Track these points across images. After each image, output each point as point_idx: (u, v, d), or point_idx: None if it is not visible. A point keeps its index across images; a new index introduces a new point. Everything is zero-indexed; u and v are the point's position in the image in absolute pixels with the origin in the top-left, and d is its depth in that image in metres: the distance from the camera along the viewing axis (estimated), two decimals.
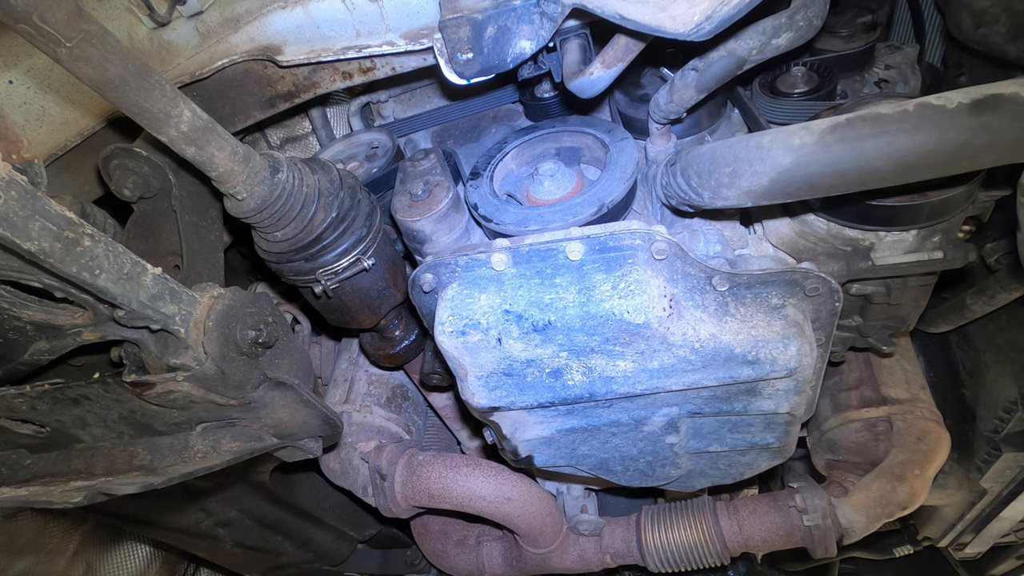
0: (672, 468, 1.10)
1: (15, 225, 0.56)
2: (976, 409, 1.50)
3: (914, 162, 0.75)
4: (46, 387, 0.84)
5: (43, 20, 0.60)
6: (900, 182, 0.79)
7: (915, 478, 1.22)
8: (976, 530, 1.67)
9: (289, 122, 1.35)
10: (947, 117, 0.72)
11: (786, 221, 1.02)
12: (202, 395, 0.82)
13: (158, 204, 1.06)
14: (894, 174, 0.77)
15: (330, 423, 1.00)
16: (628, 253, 0.89)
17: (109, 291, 0.66)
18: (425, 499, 1.27)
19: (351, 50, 1.00)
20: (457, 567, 1.47)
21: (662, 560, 1.32)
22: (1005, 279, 1.25)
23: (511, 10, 0.89)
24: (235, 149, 0.81)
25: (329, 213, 0.95)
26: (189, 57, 1.03)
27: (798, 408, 1.00)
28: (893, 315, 1.14)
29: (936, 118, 0.73)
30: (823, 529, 1.21)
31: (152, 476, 0.85)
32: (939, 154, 0.74)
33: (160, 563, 1.92)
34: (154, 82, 0.70)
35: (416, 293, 0.98)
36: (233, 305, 0.83)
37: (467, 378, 0.94)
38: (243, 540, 1.49)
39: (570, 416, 1.00)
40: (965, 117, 0.72)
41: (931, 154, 0.74)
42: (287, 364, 0.94)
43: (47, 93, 1.00)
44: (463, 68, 0.95)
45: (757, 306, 0.91)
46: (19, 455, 0.92)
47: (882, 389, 1.34)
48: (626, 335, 0.88)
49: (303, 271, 0.99)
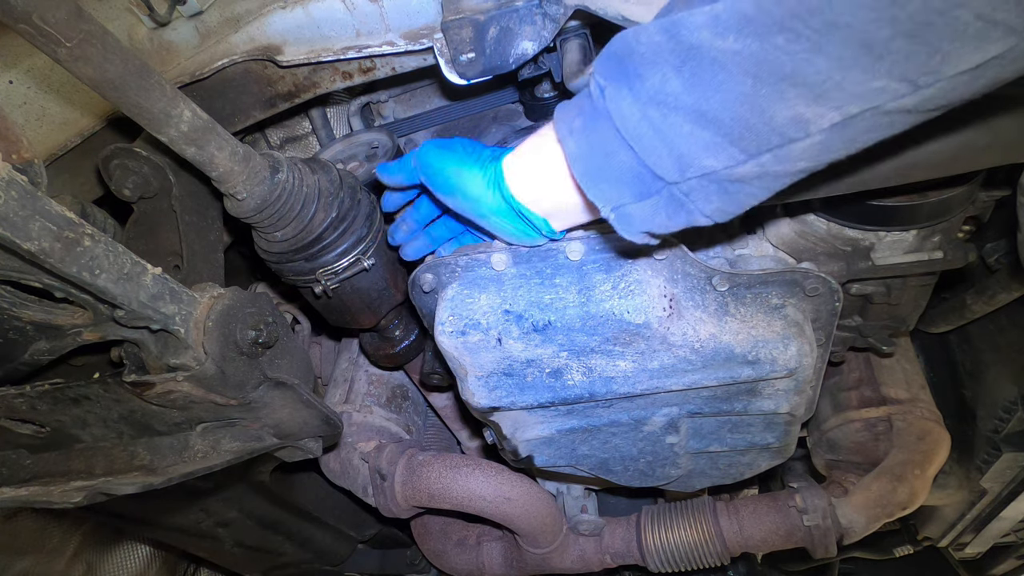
0: (672, 468, 1.10)
1: (15, 225, 0.56)
2: (976, 409, 1.50)
3: (914, 162, 0.75)
4: (46, 387, 0.84)
5: (43, 20, 0.60)
6: (900, 182, 0.79)
7: (915, 478, 1.22)
8: (976, 530, 1.67)
9: (289, 122, 1.35)
10: None
11: (786, 221, 1.02)
12: (202, 395, 0.82)
13: (158, 204, 1.06)
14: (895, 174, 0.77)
15: (330, 423, 1.00)
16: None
17: (109, 291, 0.66)
18: (425, 499, 1.27)
19: (351, 50, 1.00)
20: (457, 567, 1.47)
21: (662, 560, 1.32)
22: (1005, 279, 1.25)
23: (513, 11, 0.89)
24: (235, 149, 0.81)
25: (329, 213, 0.95)
26: (189, 57, 1.02)
27: (798, 408, 1.00)
28: (893, 315, 1.14)
29: None
30: (823, 529, 1.21)
31: (152, 476, 0.85)
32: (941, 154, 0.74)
33: (160, 563, 1.92)
34: (154, 82, 0.70)
35: (416, 293, 0.98)
36: (233, 305, 0.83)
37: (467, 378, 0.94)
38: (243, 540, 1.49)
39: (570, 416, 1.00)
40: None
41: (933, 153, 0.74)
42: (287, 364, 0.94)
43: (47, 93, 1.00)
44: (465, 69, 0.95)
45: (757, 306, 0.91)
46: (19, 455, 0.92)
47: (882, 389, 1.35)
48: (626, 335, 0.88)
49: (303, 271, 0.99)
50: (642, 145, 0.60)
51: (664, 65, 0.56)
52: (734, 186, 0.60)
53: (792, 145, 0.55)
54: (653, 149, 0.59)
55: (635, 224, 0.67)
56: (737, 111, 0.55)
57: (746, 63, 0.52)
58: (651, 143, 0.59)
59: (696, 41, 0.54)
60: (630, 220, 0.66)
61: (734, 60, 0.53)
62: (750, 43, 0.52)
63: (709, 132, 0.56)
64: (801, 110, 0.53)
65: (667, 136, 0.58)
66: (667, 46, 0.56)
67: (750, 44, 0.52)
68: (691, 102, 0.56)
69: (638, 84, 0.58)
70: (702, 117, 0.56)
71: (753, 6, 0.51)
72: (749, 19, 0.51)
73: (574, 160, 0.66)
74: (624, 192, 0.64)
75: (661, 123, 0.58)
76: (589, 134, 0.64)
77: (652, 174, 0.61)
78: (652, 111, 0.58)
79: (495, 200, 0.78)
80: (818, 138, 0.54)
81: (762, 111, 0.54)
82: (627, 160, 0.62)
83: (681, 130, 0.57)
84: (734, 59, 0.53)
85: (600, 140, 0.63)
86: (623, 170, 0.62)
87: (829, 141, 0.55)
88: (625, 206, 0.65)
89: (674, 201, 0.62)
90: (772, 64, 0.51)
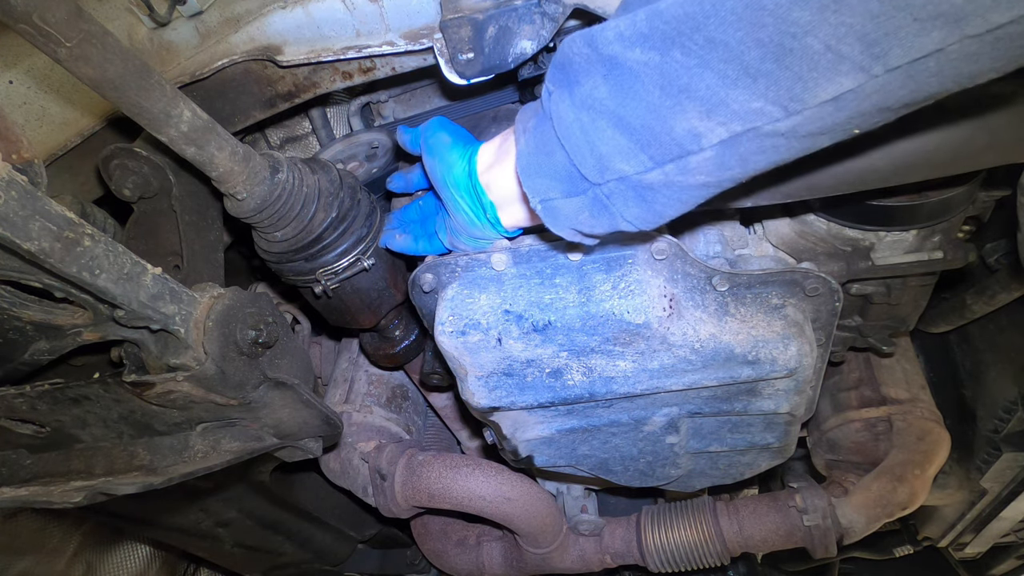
0: (672, 468, 1.10)
1: (15, 225, 0.56)
2: (976, 409, 1.50)
3: (914, 162, 0.75)
4: (46, 387, 0.84)
5: (43, 20, 0.60)
6: (900, 182, 0.79)
7: (915, 478, 1.22)
8: (976, 530, 1.67)
9: (289, 122, 1.35)
10: None
11: (786, 221, 1.02)
12: (202, 395, 0.82)
13: (158, 204, 1.06)
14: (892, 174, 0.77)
15: (330, 423, 1.00)
16: (628, 253, 0.89)
17: (109, 291, 0.66)
18: (425, 499, 1.27)
19: (351, 50, 1.00)
20: (457, 567, 1.47)
21: (662, 560, 1.32)
22: (1005, 279, 1.25)
23: (512, 10, 0.89)
24: (235, 149, 0.81)
25: (329, 213, 0.95)
26: (189, 57, 1.03)
27: (798, 408, 1.00)
28: (893, 315, 1.14)
29: None
30: (823, 529, 1.21)
31: (152, 476, 0.85)
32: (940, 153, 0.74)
33: (160, 563, 1.92)
34: (154, 82, 0.70)
35: (416, 293, 0.98)
36: (233, 305, 0.83)
37: (467, 378, 0.94)
38: (243, 540, 1.49)
39: (570, 416, 1.00)
40: None
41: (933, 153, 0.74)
42: (287, 364, 0.94)
43: (47, 93, 1.00)
44: (464, 68, 0.95)
45: (757, 306, 0.91)
46: (19, 455, 0.92)
47: (882, 389, 1.35)
48: (626, 335, 0.88)
49: (303, 271, 0.99)
50: (572, 145, 0.64)
51: (595, 73, 0.60)
52: (648, 193, 0.63)
53: (689, 157, 0.58)
54: (579, 149, 0.63)
55: (561, 219, 0.71)
56: (646, 119, 0.58)
57: (653, 74, 0.56)
58: (579, 144, 0.63)
59: (611, 53, 0.58)
60: (556, 214, 0.70)
61: (644, 70, 0.56)
62: (653, 56, 0.55)
63: (625, 137, 0.60)
64: (695, 123, 0.56)
65: (591, 138, 0.62)
66: (592, 56, 0.60)
67: (653, 57, 0.55)
68: (613, 107, 0.59)
69: (576, 89, 0.62)
70: (620, 122, 0.59)
71: (646, 23, 0.55)
72: (645, 35, 0.55)
73: (519, 155, 0.71)
74: (554, 187, 0.68)
75: (589, 126, 0.62)
76: (536, 134, 0.68)
77: (579, 174, 0.64)
78: (583, 115, 0.62)
79: (462, 171, 0.84)
80: (710, 153, 0.57)
81: (664, 120, 0.57)
82: (561, 159, 0.65)
83: (604, 134, 0.61)
84: (644, 69, 0.56)
85: (543, 140, 0.67)
86: (557, 168, 0.66)
87: (721, 158, 0.58)
88: (553, 200, 0.69)
89: (598, 202, 0.66)
90: (672, 76, 0.55)
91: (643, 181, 0.62)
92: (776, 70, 0.50)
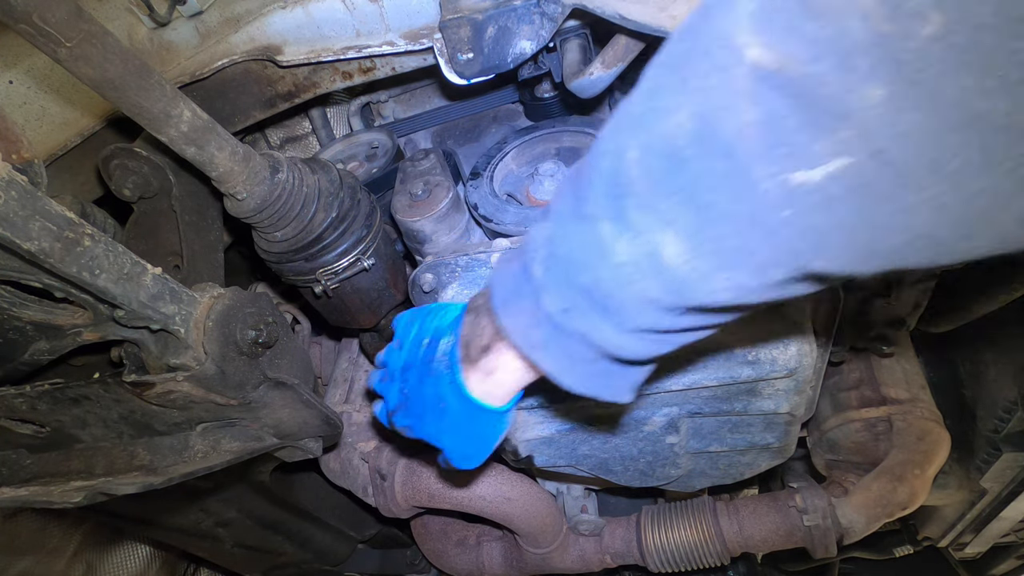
0: (672, 468, 1.10)
1: (15, 225, 0.56)
2: (976, 409, 1.50)
3: None
4: (46, 387, 0.84)
5: (43, 20, 0.60)
6: None
7: (915, 478, 1.22)
8: (976, 530, 1.67)
9: (289, 122, 1.35)
10: None
11: None
12: (202, 395, 0.82)
13: (158, 204, 1.06)
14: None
15: (330, 423, 1.00)
16: None
17: (109, 291, 0.66)
18: (425, 499, 1.27)
19: (351, 50, 1.00)
20: (457, 567, 1.47)
21: (662, 560, 1.32)
22: (1005, 279, 1.25)
23: (511, 10, 0.89)
24: (235, 149, 0.81)
25: (329, 213, 0.95)
26: (189, 57, 1.03)
27: (798, 408, 1.00)
28: (893, 315, 1.14)
29: None
30: (823, 529, 1.21)
31: (152, 476, 0.85)
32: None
33: (160, 563, 1.92)
34: (154, 82, 0.70)
35: (416, 293, 0.98)
36: (233, 305, 0.83)
37: None
38: (243, 540, 1.48)
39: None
40: None
41: None
42: (287, 364, 0.94)
43: (47, 93, 1.00)
44: (463, 68, 0.95)
45: None
46: (19, 455, 0.92)
47: (882, 389, 1.34)
48: None
49: (303, 271, 0.99)
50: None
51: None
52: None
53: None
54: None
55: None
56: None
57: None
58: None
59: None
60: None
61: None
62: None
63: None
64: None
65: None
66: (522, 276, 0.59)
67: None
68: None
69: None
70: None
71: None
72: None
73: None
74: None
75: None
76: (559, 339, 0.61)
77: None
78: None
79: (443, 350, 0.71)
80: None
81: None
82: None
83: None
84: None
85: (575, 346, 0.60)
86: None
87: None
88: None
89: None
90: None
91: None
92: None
